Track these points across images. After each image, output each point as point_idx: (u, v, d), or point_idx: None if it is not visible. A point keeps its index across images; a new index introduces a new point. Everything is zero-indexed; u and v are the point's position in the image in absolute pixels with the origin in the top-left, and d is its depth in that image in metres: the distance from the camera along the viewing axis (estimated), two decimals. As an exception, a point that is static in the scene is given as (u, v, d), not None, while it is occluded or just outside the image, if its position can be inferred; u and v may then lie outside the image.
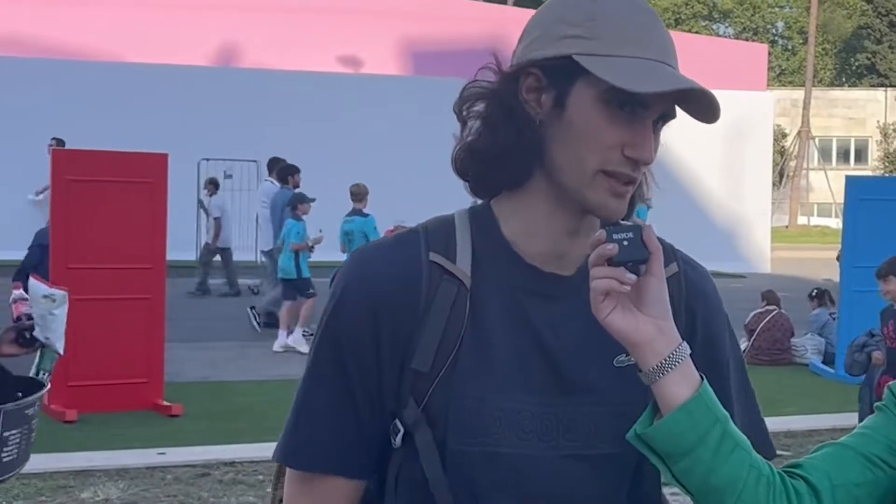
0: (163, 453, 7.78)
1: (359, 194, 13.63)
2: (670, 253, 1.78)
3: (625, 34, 1.63)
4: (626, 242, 1.55)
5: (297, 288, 13.06)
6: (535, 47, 1.68)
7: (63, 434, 8.35)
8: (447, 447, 1.66)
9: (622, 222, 1.78)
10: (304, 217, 13.18)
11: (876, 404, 1.74)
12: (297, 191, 13.82)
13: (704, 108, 1.62)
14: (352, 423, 1.72)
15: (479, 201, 1.79)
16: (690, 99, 1.62)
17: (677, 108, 1.66)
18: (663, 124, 1.67)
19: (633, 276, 1.56)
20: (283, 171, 14.61)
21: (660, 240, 1.78)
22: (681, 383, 1.57)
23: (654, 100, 1.61)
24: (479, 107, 1.72)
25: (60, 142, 15.31)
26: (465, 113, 1.73)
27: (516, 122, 1.67)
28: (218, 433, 8.59)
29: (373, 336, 1.68)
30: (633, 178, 1.64)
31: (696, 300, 1.79)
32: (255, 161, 21.01)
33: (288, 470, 1.79)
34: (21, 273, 10.42)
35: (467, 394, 1.66)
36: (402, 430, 1.68)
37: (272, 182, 15.01)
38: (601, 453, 1.68)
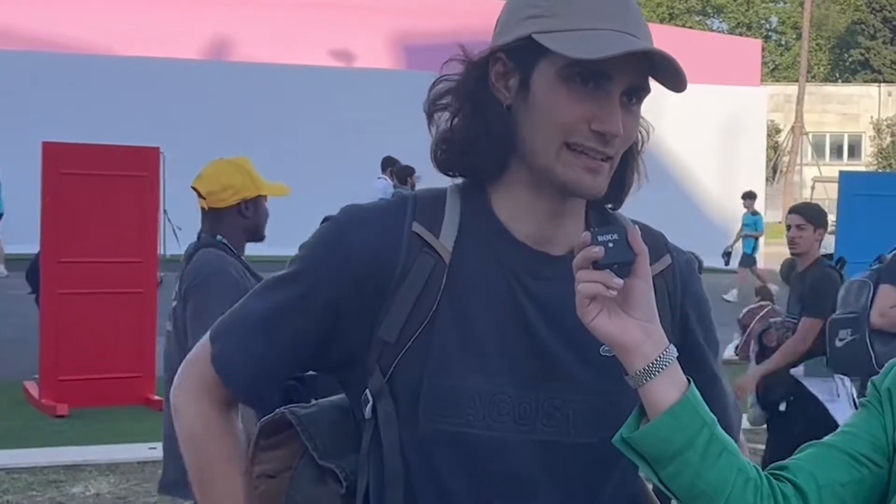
0: (154, 448, 7.72)
1: None
2: (662, 245, 1.78)
3: (583, 8, 1.62)
4: (611, 244, 1.53)
5: None
6: (501, 34, 1.69)
7: (54, 428, 8.33)
8: (419, 423, 1.65)
9: (613, 215, 1.76)
10: None
11: (860, 400, 1.73)
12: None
13: (671, 75, 1.61)
14: (272, 358, 1.74)
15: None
16: (657, 68, 1.61)
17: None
18: (638, 100, 1.66)
19: (620, 281, 1.53)
20: (401, 171, 15.37)
21: (649, 229, 1.77)
22: (668, 386, 1.55)
23: (617, 71, 1.60)
24: (448, 99, 1.72)
25: None
26: (432, 108, 1.73)
27: (485, 111, 1.67)
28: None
29: (337, 292, 1.68)
30: (606, 154, 1.63)
31: (687, 289, 1.79)
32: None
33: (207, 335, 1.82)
34: (32, 271, 10.37)
35: (443, 371, 1.65)
36: (371, 401, 1.68)
37: (385, 179, 15.71)
38: (578, 442, 1.67)
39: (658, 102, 1.70)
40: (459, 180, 1.78)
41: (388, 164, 16.08)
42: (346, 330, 1.69)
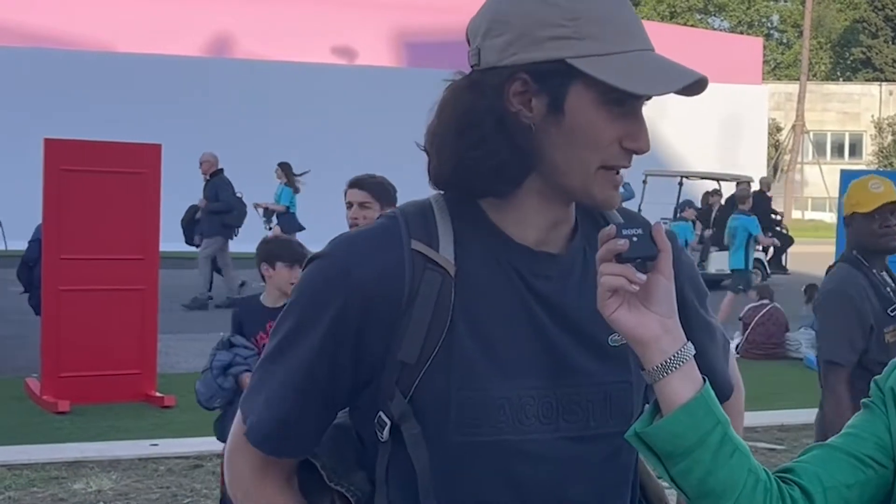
0: (155, 444, 7.76)
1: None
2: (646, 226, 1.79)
3: (611, 29, 1.62)
4: (635, 238, 1.53)
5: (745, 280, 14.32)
6: (514, 50, 1.63)
7: (55, 425, 8.33)
8: (451, 438, 1.65)
9: (632, 213, 1.78)
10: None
11: (862, 400, 1.72)
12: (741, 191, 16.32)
13: (692, 87, 1.62)
14: (304, 414, 1.72)
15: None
16: None
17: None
18: (643, 105, 1.68)
19: (643, 276, 1.54)
20: None
21: (632, 213, 1.83)
22: (684, 383, 1.55)
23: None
24: (459, 113, 1.66)
25: None
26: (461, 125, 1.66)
27: (508, 132, 1.63)
28: (210, 424, 8.55)
29: (354, 332, 1.66)
30: (627, 167, 1.67)
31: (676, 261, 1.75)
32: None
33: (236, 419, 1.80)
34: (22, 267, 10.37)
35: (469, 383, 1.64)
36: (389, 423, 1.67)
37: None
38: (597, 433, 1.69)
39: (660, 101, 1.70)
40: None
41: None
42: (364, 360, 1.68)
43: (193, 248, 19.16)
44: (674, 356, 1.55)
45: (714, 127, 29.01)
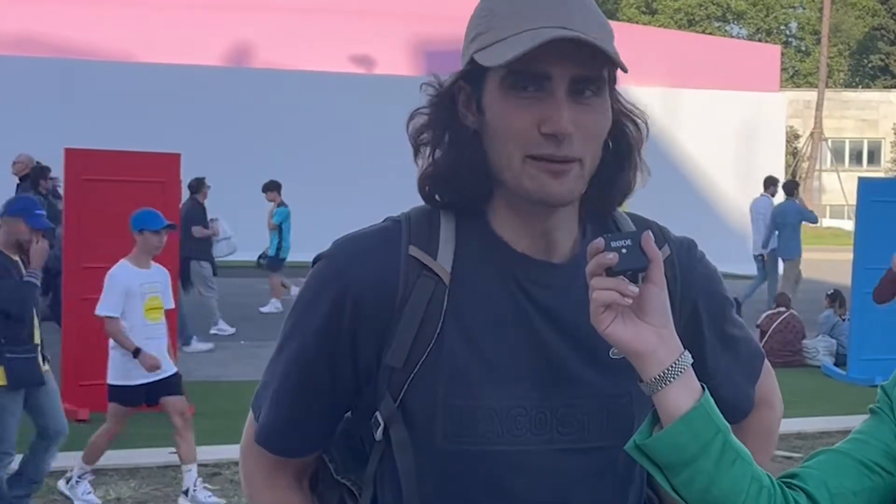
0: (174, 452, 7.77)
1: None
2: (660, 237, 1.76)
3: (516, 14, 1.60)
4: (624, 250, 1.51)
5: None
6: (463, 60, 1.68)
7: (75, 433, 8.35)
8: (436, 446, 1.65)
9: (618, 219, 1.76)
10: None
11: (869, 406, 1.71)
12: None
13: (599, 57, 1.57)
14: (307, 412, 1.74)
15: None
16: (593, 54, 1.57)
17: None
18: (595, 91, 1.61)
19: (636, 289, 1.52)
20: (788, 185, 17.14)
21: (647, 221, 1.77)
22: (682, 393, 1.53)
23: (556, 67, 1.56)
24: (427, 134, 1.70)
25: None
26: (416, 143, 1.71)
27: (459, 140, 1.66)
28: (229, 432, 8.53)
29: (348, 332, 1.67)
30: (565, 157, 1.59)
31: (689, 276, 1.78)
32: None
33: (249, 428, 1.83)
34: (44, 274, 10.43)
35: (458, 392, 1.64)
36: (382, 424, 1.68)
37: (767, 197, 17.25)
38: (594, 446, 1.68)
39: (677, 108, 1.70)
40: None
41: (771, 183, 17.34)
42: (360, 360, 1.69)
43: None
44: (671, 367, 1.53)
45: (732, 134, 28.90)
